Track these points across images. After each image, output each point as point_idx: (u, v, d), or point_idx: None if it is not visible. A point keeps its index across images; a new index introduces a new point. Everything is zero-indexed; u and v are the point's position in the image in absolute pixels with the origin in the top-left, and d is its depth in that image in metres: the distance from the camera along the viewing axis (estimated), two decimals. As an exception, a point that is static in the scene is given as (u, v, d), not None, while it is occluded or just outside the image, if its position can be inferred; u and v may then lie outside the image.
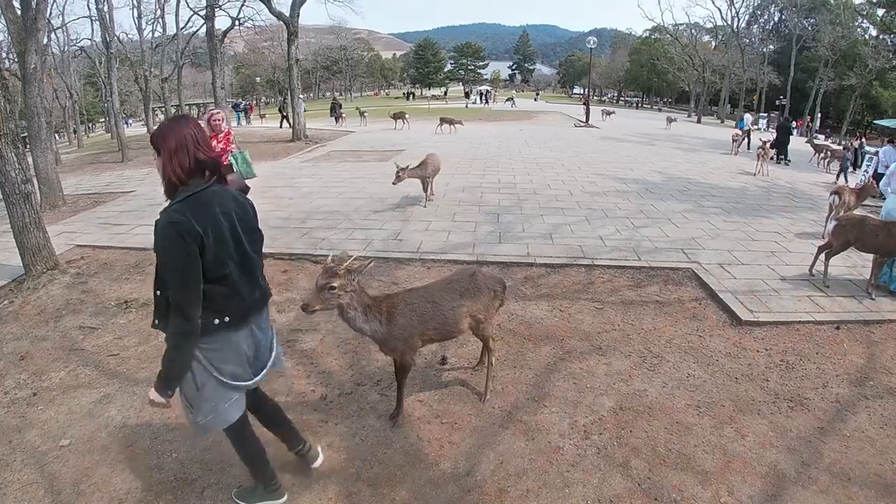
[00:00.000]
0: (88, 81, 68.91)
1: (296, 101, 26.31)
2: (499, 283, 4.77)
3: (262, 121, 49.81)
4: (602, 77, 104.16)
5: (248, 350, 3.05)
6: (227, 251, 2.80)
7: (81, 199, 15.47)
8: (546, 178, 14.20)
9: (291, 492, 3.98)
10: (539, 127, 35.19)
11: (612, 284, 7.26)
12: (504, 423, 4.57)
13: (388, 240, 9.05)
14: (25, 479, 4.53)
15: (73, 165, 25.05)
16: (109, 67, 30.42)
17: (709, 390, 4.97)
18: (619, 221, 9.82)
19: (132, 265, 8.92)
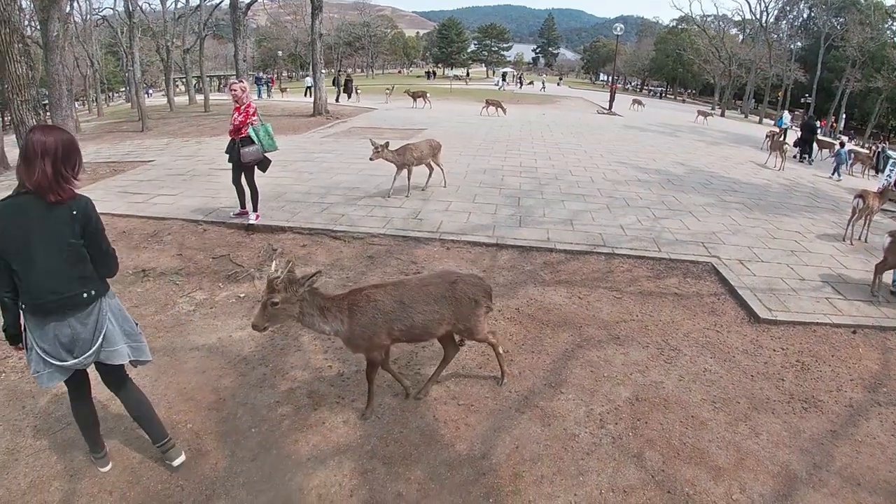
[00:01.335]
0: (110, 51, 69.11)
1: (318, 76, 26.23)
2: (481, 291, 4.48)
3: (282, 94, 49.84)
4: (627, 65, 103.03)
5: (63, 337, 3.42)
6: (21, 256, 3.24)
7: (101, 167, 15.52)
8: (568, 164, 14.11)
9: (306, 466, 4.02)
10: (562, 112, 35.05)
11: (632, 274, 7.23)
12: (520, 407, 4.57)
13: (407, 218, 9.03)
14: (38, 445, 4.57)
15: (93, 134, 25.14)
16: (131, 37, 30.53)
17: (725, 386, 4.95)
18: (640, 211, 9.75)
19: (150, 234, 8.95)
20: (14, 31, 9.11)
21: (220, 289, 7.06)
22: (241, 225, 8.94)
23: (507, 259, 7.55)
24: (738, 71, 62.58)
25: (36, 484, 4.17)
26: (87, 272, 3.42)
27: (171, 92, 39.54)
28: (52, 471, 4.27)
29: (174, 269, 7.62)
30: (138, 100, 28.00)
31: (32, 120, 9.64)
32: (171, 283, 7.25)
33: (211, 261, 7.84)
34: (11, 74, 9.21)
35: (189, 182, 11.98)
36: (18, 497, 4.05)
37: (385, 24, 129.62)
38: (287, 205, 9.95)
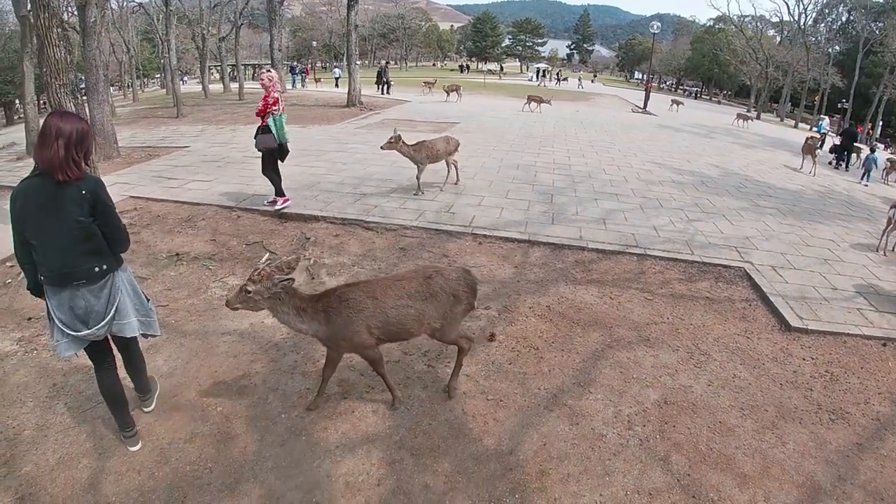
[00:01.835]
0: (145, 37, 70.00)
1: (353, 67, 26.31)
2: (463, 286, 4.31)
3: (316, 85, 50.05)
4: (662, 64, 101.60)
5: (78, 309, 3.66)
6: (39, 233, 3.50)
7: (136, 151, 15.73)
8: (601, 162, 14.00)
9: (335, 454, 4.06)
10: (595, 109, 34.71)
11: (664, 276, 7.17)
12: (549, 405, 4.57)
13: (440, 212, 9.02)
14: (68, 422, 4.66)
15: (128, 119, 25.46)
16: (168, 25, 30.80)
17: (753, 393, 4.90)
18: (673, 213, 9.64)
19: (185, 219, 9.06)
20: (53, 15, 9.22)
21: (253, 275, 7.13)
22: (274, 213, 9.02)
23: (539, 256, 7.53)
24: (775, 73, 61.42)
25: (64, 460, 4.25)
26: (99, 248, 3.63)
27: (205, 79, 39.94)
28: (80, 448, 4.35)
29: (207, 254, 7.72)
30: (174, 86, 28.29)
31: (70, 104, 9.72)
32: (205, 268, 7.34)
33: (244, 247, 7.93)
34: (50, 58, 9.33)
35: (223, 169, 12.10)
36: (46, 473, 4.13)
37: (419, 17, 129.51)
38: (320, 194, 10.01)
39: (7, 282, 7.56)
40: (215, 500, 3.77)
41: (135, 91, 53.20)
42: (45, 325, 6.06)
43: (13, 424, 4.71)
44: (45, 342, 5.95)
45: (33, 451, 4.40)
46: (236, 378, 5.01)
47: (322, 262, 7.37)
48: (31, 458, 4.31)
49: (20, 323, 6.46)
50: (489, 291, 6.46)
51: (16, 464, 4.28)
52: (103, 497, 3.88)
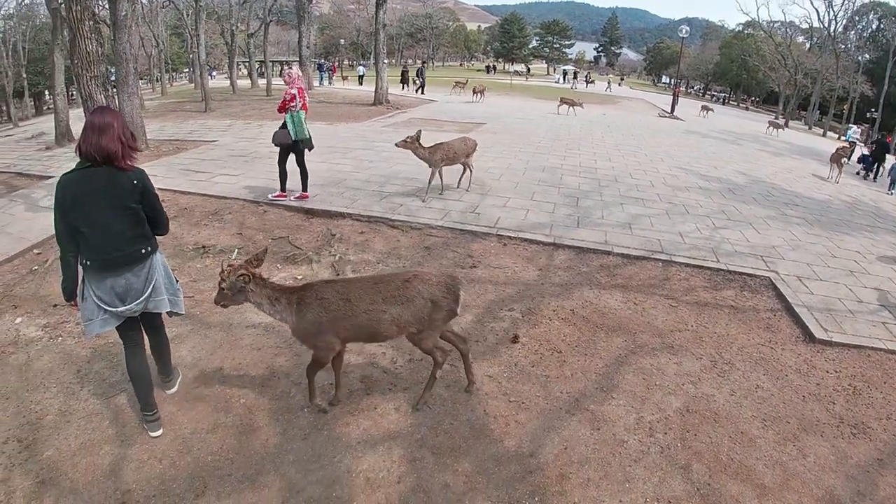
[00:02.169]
0: (175, 32, 70.70)
1: (380, 66, 26.39)
2: (443, 291, 4.16)
3: (344, 83, 50.30)
4: (690, 68, 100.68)
5: (118, 288, 3.91)
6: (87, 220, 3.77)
7: (164, 144, 15.91)
8: (628, 167, 13.93)
9: (356, 450, 4.08)
10: (622, 113, 34.57)
11: (689, 283, 7.11)
12: (571, 409, 4.56)
13: (465, 212, 9.02)
14: (91, 408, 4.73)
15: (157, 112, 25.73)
16: (197, 20, 31.09)
17: (775, 405, 4.85)
18: (699, 220, 9.55)
19: (212, 212, 9.14)
20: (85, 8, 9.39)
21: (279, 269, 7.20)
22: (301, 208, 9.11)
23: (564, 259, 7.51)
24: (804, 81, 60.70)
25: (86, 446, 4.30)
26: (144, 231, 3.96)
27: (234, 75, 40.29)
28: (103, 435, 4.41)
29: (234, 248, 7.78)
30: (202, 81, 28.55)
31: (100, 96, 9.89)
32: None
33: (270, 242, 7.98)
34: (81, 51, 9.49)
35: (251, 164, 12.19)
36: (68, 458, 4.19)
37: (447, 17, 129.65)
38: (347, 191, 10.07)
39: (34, 269, 7.69)
40: (235, 491, 3.80)
41: (163, 85, 53.90)
42: (70, 312, 6.19)
43: (36, 409, 4.79)
44: (70, 329, 6.05)
45: (55, 435, 4.46)
46: (260, 371, 5.06)
47: (347, 259, 7.41)
48: (53, 443, 4.38)
49: (46, 309, 6.57)
50: (513, 293, 6.46)
51: (37, 448, 4.34)
52: (123, 484, 3.93)
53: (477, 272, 6.99)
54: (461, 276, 6.74)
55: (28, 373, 5.37)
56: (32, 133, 24.39)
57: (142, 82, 41.90)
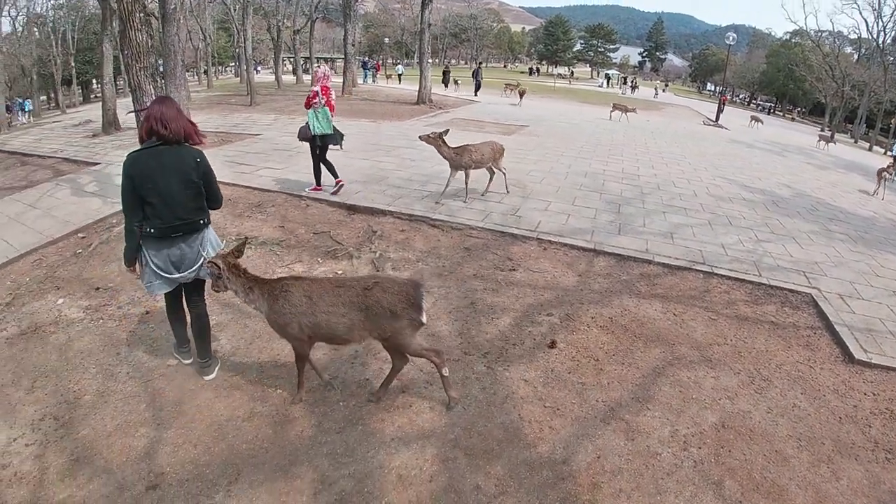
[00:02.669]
0: (221, 26, 71.87)
1: (424, 65, 26.46)
2: (402, 302, 4.09)
3: (387, 81, 50.60)
4: (736, 76, 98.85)
5: (174, 257, 4.44)
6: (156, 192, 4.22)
7: (209, 136, 16.10)
8: (671, 175, 13.72)
9: (390, 446, 4.13)
10: (666, 119, 34.12)
11: (729, 297, 6.97)
12: (606, 418, 4.53)
13: (506, 214, 8.99)
14: (129, 390, 4.87)
15: (202, 104, 26.09)
16: (245, 15, 31.51)
17: (811, 425, 4.74)
18: (742, 232, 9.37)
19: (255, 204, 9.28)
20: (135, 1, 9.57)
21: (319, 263, 7.28)
22: (343, 204, 9.19)
23: (604, 266, 7.44)
24: (851, 93, 59.27)
25: (122, 427, 4.42)
26: (202, 204, 4.51)
27: (279, 70, 40.81)
28: (139, 417, 4.53)
29: (275, 240, 7.91)
30: (248, 75, 28.90)
31: (149, 86, 10.06)
32: (272, 253, 7.54)
33: (312, 236, 8.09)
34: (132, 42, 9.68)
35: (294, 158, 12.32)
36: (103, 438, 4.31)
37: (491, 18, 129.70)
38: (389, 189, 10.13)
39: (78, 252, 7.89)
40: (268, 479, 3.87)
41: (210, 78, 54.87)
42: (111, 295, 6.44)
43: (74, 388, 4.94)
44: (111, 312, 6.24)
45: (92, 415, 4.59)
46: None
47: (387, 257, 7.45)
48: (89, 423, 4.50)
49: (88, 292, 6.76)
50: (551, 298, 6.43)
51: (73, 426, 4.48)
52: (157, 466, 4.03)
53: (516, 275, 6.97)
54: (496, 277, 6.82)
55: (68, 352, 5.53)
56: (79, 120, 24.95)
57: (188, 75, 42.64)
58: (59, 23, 58.51)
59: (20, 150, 17.92)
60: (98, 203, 9.88)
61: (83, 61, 61.24)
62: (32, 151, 17.21)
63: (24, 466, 4.14)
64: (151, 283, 4.53)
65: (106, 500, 3.80)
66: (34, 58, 54.93)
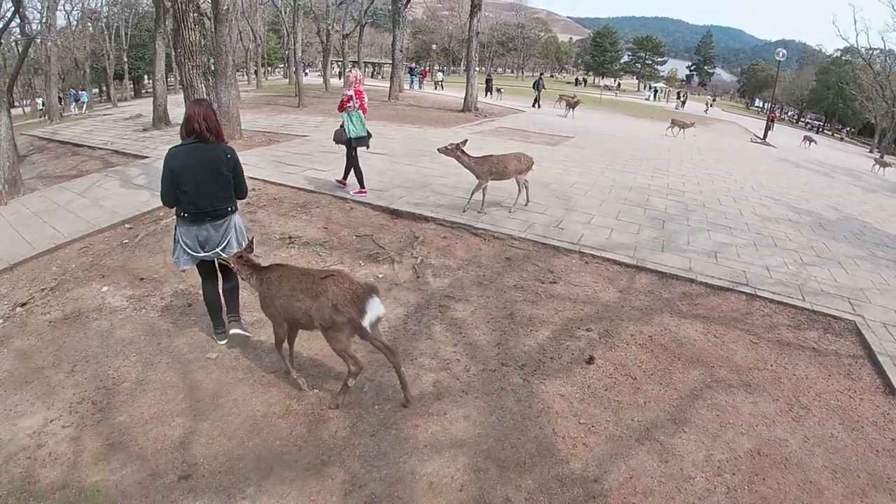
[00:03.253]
0: (272, 28, 73.06)
1: (471, 73, 26.53)
2: (346, 299, 4.24)
3: (437, 88, 50.83)
4: (785, 93, 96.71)
5: (201, 238, 5.10)
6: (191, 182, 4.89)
7: (257, 135, 16.41)
8: (717, 192, 13.53)
9: (422, 453, 4.15)
10: (713, 135, 33.65)
11: (771, 320, 6.82)
12: (641, 438, 4.48)
13: (549, 226, 8.92)
14: (167, 380, 4.99)
15: (251, 104, 26.53)
16: (295, 18, 31.99)
17: (848, 456, 4.61)
18: (787, 254, 9.19)
19: (300, 204, 9.40)
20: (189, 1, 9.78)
21: (360, 266, 7.36)
22: (386, 208, 9.28)
23: (646, 283, 7.35)
24: (903, 114, 57.78)
25: (159, 416, 4.53)
26: (230, 194, 5.18)
27: (327, 73, 41.35)
28: (176, 407, 4.64)
29: (319, 241, 8.02)
30: (297, 77, 29.34)
31: (201, 84, 10.27)
32: (315, 254, 7.64)
33: (354, 238, 8.19)
34: (185, 41, 9.90)
35: (340, 160, 12.39)
36: (140, 425, 4.42)
37: (539, 27, 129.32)
38: (432, 195, 10.17)
39: (124, 242, 8.09)
40: (300, 477, 3.92)
41: (259, 78, 55.88)
42: (155, 286, 6.69)
43: (114, 375, 5.08)
44: (154, 303, 6.41)
45: (130, 402, 4.71)
46: (334, 363, 5.17)
47: (429, 263, 7.49)
48: (127, 410, 4.62)
49: (132, 282, 6.95)
50: (591, 313, 6.39)
51: (111, 412, 4.60)
52: (191, 457, 4.10)
53: (556, 288, 6.93)
54: (536, 289, 6.81)
55: (109, 339, 5.69)
56: (130, 114, 25.55)
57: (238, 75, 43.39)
58: (112, 19, 60.20)
59: (71, 140, 18.46)
60: (146, 196, 10.11)
61: (135, 57, 62.84)
62: (83, 142, 17.69)
63: (59, 447, 4.26)
64: (179, 259, 5.21)
65: (138, 486, 3.89)
66: (87, 52, 56.78)
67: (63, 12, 54.04)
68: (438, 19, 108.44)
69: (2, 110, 11.85)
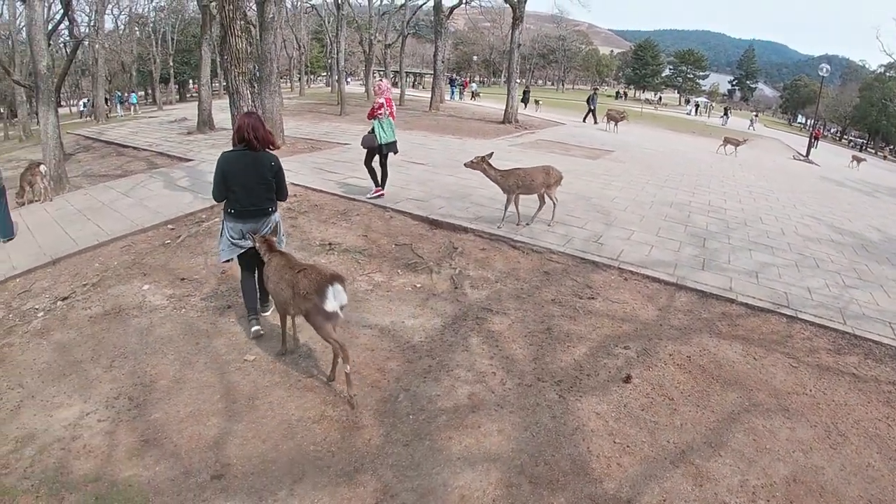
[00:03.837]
0: (315, 37, 74.04)
1: (511, 85, 26.56)
2: (311, 286, 4.79)
3: (474, 99, 51.01)
4: (828, 110, 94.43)
5: (244, 230, 5.68)
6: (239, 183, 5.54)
7: (299, 142, 16.63)
8: (758, 210, 13.30)
9: (455, 465, 4.15)
10: (755, 152, 33.01)
11: (812, 344, 6.66)
12: (676, 460, 4.42)
13: (588, 241, 8.84)
14: (204, 380, 5.09)
15: (294, 111, 26.89)
16: (339, 27, 32.42)
17: (884, 487, 4.48)
18: (829, 276, 8.98)
19: (340, 212, 9.51)
20: (237, 8, 9.99)
21: (399, 275, 7.42)
22: (426, 218, 9.33)
23: (685, 302, 7.24)
24: (945, 131, 56.31)
25: (194, 415, 4.61)
26: (272, 196, 5.81)
27: (369, 82, 41.74)
28: (212, 407, 4.72)
29: (358, 249, 8.11)
30: (339, 86, 29.68)
31: (246, 91, 10.44)
32: (354, 261, 7.73)
33: (393, 247, 8.26)
34: (232, 48, 10.08)
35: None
36: (175, 423, 4.51)
37: (580, 40, 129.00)
38: (472, 206, 10.18)
39: (166, 242, 8.27)
40: (332, 484, 3.94)
41: (302, 86, 56.70)
42: (196, 287, 6.88)
43: (151, 372, 5.20)
44: (194, 303, 6.55)
45: (166, 400, 4.81)
46: (370, 371, 5.26)
47: (467, 274, 7.51)
48: (163, 407, 4.71)
49: (173, 281, 7.11)
50: (629, 331, 6.33)
51: (147, 409, 4.70)
52: (224, 457, 4.17)
53: (595, 304, 6.88)
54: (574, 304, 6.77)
55: (148, 337, 5.83)
56: (175, 118, 26.07)
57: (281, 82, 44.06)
58: (159, 24, 61.79)
59: (117, 140, 18.94)
60: (189, 198, 10.30)
61: (181, 62, 64.29)
62: (129, 143, 18.13)
63: (93, 440, 4.37)
64: (223, 250, 5.81)
65: (170, 483, 3.96)
66: (134, 55, 58.24)
67: (111, 16, 55.70)
68: (480, 31, 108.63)
69: (50, 109, 12.24)
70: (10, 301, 6.98)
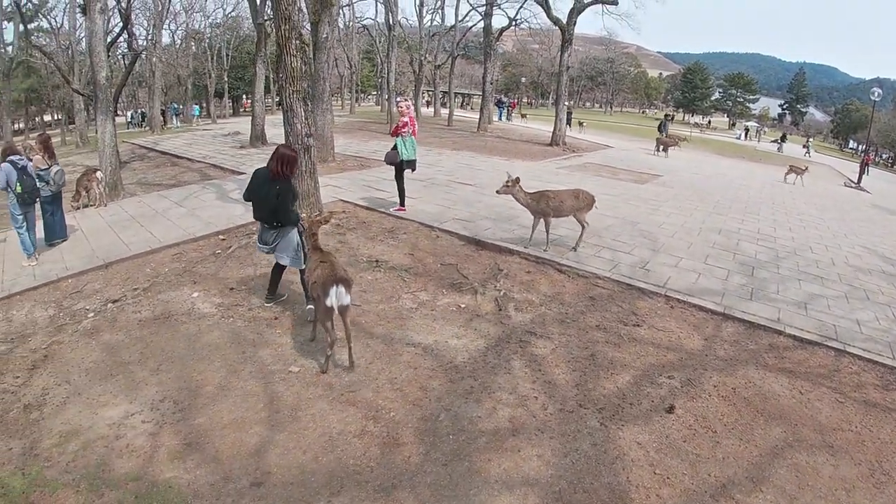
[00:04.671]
0: (366, 56, 75.10)
1: (560, 107, 26.58)
2: (320, 284, 5.50)
3: (522, 120, 51.14)
4: (880, 134, 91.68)
5: (266, 237, 6.70)
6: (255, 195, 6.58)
7: (349, 159, 16.90)
8: (808, 239, 13.01)
9: (493, 488, 4.17)
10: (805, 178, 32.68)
11: (859, 378, 6.47)
12: (716, 494, 4.35)
13: (634, 267, 8.76)
14: (249, 388, 5.21)
15: (344, 129, 27.29)
16: (390, 47, 32.96)
17: None
18: (879, 308, 8.68)
19: (388, 230, 9.64)
20: (293, 28, 10.20)
21: (443, 294, 7.48)
22: (472, 238, 9.40)
23: (732, 332, 7.12)
24: None
25: (237, 422, 4.72)
26: (278, 214, 6.55)
27: (418, 102, 42.20)
28: (255, 416, 4.83)
29: (404, 266, 8.22)
30: (389, 105, 30.07)
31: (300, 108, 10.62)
32: (399, 279, 7.82)
33: (439, 266, 8.34)
34: (287, 66, 10.29)
35: (428, 189, 12.67)
36: (217, 429, 4.63)
37: (629, 62, 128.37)
38: (518, 229, 10.18)
39: (217, 252, 8.49)
40: (369, 499, 4.00)
41: (352, 104, 57.65)
42: (244, 297, 7.17)
43: (197, 378, 5.35)
44: (242, 312, 6.72)
45: (210, 406, 4.94)
46: (412, 389, 5.31)
47: (511, 297, 7.53)
48: (207, 412, 4.84)
49: (222, 290, 7.32)
50: (674, 360, 6.27)
51: (191, 413, 4.84)
52: (265, 465, 4.26)
53: (640, 331, 6.82)
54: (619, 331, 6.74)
55: (196, 343, 5.99)
56: (229, 131, 26.68)
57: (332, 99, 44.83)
58: (215, 40, 63.70)
59: (171, 151, 19.48)
60: (241, 210, 10.55)
61: (235, 77, 66.00)
62: (183, 154, 18.66)
63: (137, 441, 4.52)
64: (259, 247, 6.90)
65: (210, 487, 4.06)
66: (190, 69, 60.00)
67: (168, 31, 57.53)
68: (528, 52, 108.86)
69: (108, 119, 12.71)
70: (62, 300, 7.27)
